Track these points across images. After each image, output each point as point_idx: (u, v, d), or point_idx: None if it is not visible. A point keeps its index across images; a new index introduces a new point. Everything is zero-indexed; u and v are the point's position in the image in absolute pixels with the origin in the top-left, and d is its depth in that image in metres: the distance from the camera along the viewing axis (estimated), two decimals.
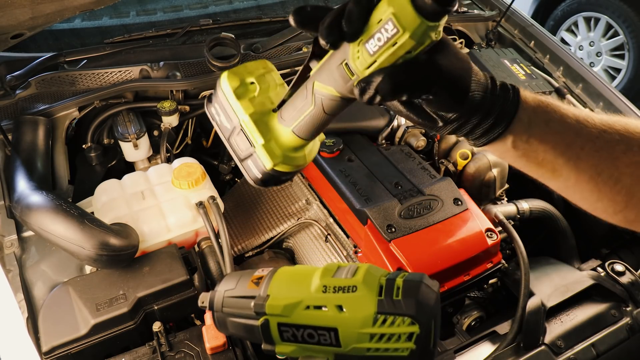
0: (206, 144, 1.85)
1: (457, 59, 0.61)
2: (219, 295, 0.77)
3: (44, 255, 1.21)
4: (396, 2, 0.55)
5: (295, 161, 0.72)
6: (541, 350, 1.13)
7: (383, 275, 0.70)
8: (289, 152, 0.71)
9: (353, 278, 0.70)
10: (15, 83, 1.55)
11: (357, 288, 0.68)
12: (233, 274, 0.81)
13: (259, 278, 0.76)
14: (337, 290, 0.69)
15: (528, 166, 0.67)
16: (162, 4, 2.02)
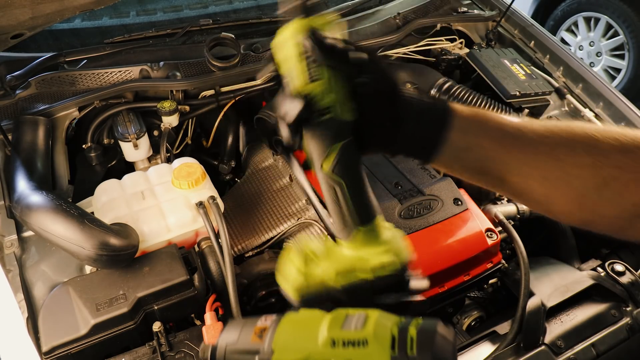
0: (206, 144, 1.85)
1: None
2: (221, 349, 0.72)
3: (44, 255, 1.21)
4: None
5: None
6: (541, 350, 1.13)
7: (395, 325, 0.64)
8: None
9: (363, 330, 0.63)
10: (15, 83, 1.55)
11: (367, 342, 0.62)
12: (234, 322, 0.76)
13: (262, 330, 0.72)
14: (346, 345, 0.63)
15: (476, 176, 0.69)
16: (162, 4, 2.02)
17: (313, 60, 0.63)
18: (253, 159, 1.78)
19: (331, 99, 0.63)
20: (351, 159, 0.66)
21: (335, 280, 0.68)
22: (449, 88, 1.73)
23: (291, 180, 1.59)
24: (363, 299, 0.67)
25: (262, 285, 1.38)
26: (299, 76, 0.63)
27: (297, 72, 0.63)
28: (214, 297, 1.17)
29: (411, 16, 1.99)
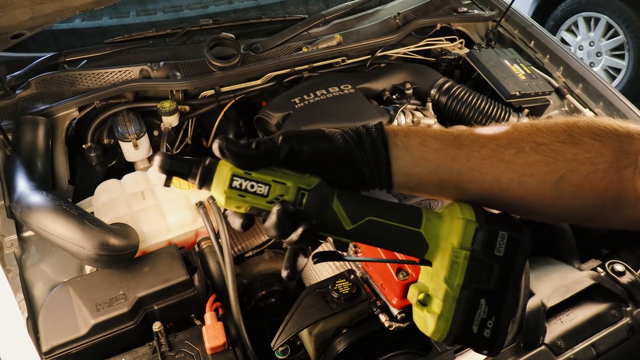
0: (206, 144, 1.85)
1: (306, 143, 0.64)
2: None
3: (44, 255, 1.21)
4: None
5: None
6: (541, 350, 1.13)
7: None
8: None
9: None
10: (15, 83, 1.55)
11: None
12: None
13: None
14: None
15: (437, 191, 0.69)
16: (162, 4, 2.02)
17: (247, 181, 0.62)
18: None
19: (291, 186, 0.63)
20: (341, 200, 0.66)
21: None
22: (449, 88, 1.73)
23: None
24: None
25: (262, 285, 1.38)
26: (258, 202, 0.63)
27: (253, 200, 0.62)
28: (214, 297, 1.17)
29: (411, 16, 1.99)
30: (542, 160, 0.63)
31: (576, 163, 0.62)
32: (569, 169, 0.62)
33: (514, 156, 0.64)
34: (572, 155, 0.62)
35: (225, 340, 1.05)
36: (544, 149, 0.63)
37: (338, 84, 1.65)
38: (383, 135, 0.65)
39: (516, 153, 0.64)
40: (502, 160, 0.64)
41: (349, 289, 1.14)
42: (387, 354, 1.16)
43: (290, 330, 1.10)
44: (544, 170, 0.63)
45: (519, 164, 0.64)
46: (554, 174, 0.63)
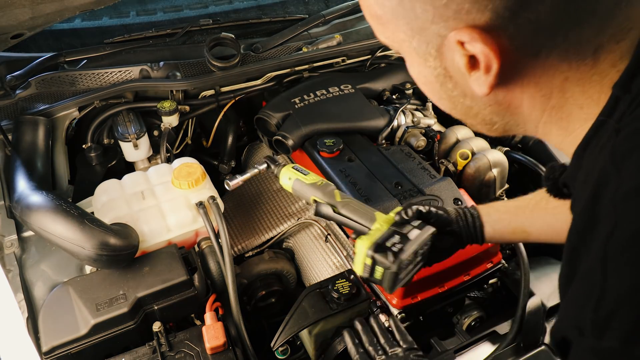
0: (206, 144, 1.85)
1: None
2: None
3: (44, 255, 1.21)
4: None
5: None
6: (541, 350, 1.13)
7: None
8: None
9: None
10: (15, 83, 1.56)
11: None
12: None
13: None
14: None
15: (509, 238, 1.03)
16: (162, 4, 2.02)
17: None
18: (253, 159, 1.78)
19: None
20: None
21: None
22: None
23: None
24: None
25: (262, 285, 1.39)
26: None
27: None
28: (214, 297, 1.17)
29: None
30: (562, 203, 0.79)
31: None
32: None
33: (545, 204, 0.95)
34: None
35: (225, 340, 1.05)
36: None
37: (338, 84, 1.65)
38: (478, 213, 1.02)
39: (546, 202, 0.95)
40: (542, 209, 0.96)
41: (349, 289, 1.14)
42: None
43: (290, 330, 1.10)
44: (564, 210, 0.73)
45: (549, 208, 0.94)
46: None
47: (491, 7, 0.48)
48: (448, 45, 0.52)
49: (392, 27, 0.56)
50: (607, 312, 0.44)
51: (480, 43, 0.49)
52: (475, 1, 0.48)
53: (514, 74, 0.53)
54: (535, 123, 0.58)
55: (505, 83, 0.54)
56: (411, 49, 0.57)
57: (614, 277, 0.44)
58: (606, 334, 0.44)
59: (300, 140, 1.48)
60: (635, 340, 0.42)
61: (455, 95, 0.59)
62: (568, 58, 0.51)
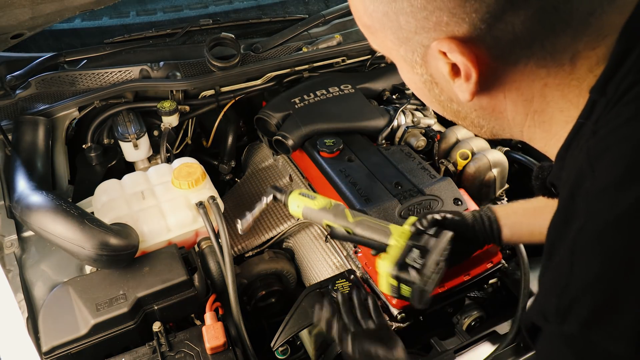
0: (206, 144, 1.85)
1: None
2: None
3: (44, 255, 1.21)
4: None
5: None
6: None
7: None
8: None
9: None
10: (15, 83, 1.56)
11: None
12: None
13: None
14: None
15: (525, 239, 1.08)
16: (162, 4, 2.02)
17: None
18: (253, 159, 1.78)
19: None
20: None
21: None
22: None
23: (291, 180, 1.59)
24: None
25: (262, 285, 1.39)
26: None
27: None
28: (214, 297, 1.17)
29: None
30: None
31: None
32: None
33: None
34: None
35: (225, 340, 1.05)
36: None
37: (338, 84, 1.65)
38: (495, 215, 1.05)
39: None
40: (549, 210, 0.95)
41: (349, 289, 1.14)
42: None
43: (290, 330, 1.10)
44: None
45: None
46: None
47: (468, 20, 0.50)
48: (431, 54, 0.55)
49: (381, 36, 0.58)
50: (570, 299, 0.47)
51: (458, 54, 0.52)
52: (453, 14, 0.50)
53: (494, 81, 0.56)
54: (520, 127, 0.61)
55: (487, 89, 0.57)
56: (399, 57, 0.60)
57: (580, 267, 0.47)
58: (567, 319, 0.47)
59: (300, 140, 1.48)
60: (593, 325, 0.45)
61: (443, 100, 0.62)
62: (546, 65, 0.53)
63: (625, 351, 0.43)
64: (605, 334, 0.44)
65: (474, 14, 0.50)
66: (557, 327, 0.49)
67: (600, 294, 0.45)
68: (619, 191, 0.45)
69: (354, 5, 0.59)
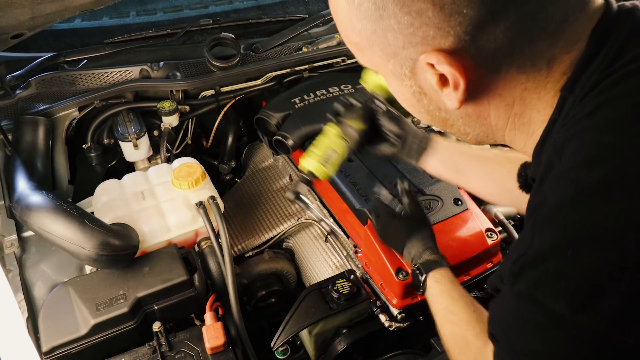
0: (206, 144, 1.85)
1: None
2: None
3: (44, 255, 1.21)
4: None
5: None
6: None
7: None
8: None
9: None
10: (16, 83, 1.55)
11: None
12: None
13: None
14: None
15: (450, 173, 1.11)
16: (162, 4, 2.02)
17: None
18: (253, 159, 1.78)
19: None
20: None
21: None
22: None
23: (291, 180, 1.59)
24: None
25: (262, 285, 1.39)
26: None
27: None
28: (214, 297, 1.17)
29: None
30: (505, 157, 1.03)
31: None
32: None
33: (489, 156, 1.07)
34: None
35: (225, 340, 1.05)
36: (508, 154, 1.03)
37: (338, 84, 1.65)
38: (429, 141, 1.11)
39: (491, 155, 1.07)
40: (484, 160, 1.08)
41: (349, 289, 1.14)
42: (387, 354, 1.16)
43: (290, 330, 1.10)
44: (507, 167, 1.00)
45: (489, 160, 1.07)
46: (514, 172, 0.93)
47: (453, 33, 0.54)
48: (420, 67, 0.59)
49: (369, 53, 0.62)
50: (522, 264, 0.53)
51: (446, 64, 0.56)
52: (439, 28, 0.54)
53: (480, 89, 0.60)
54: (502, 131, 0.65)
55: (473, 97, 0.61)
56: (388, 71, 0.63)
57: (538, 239, 0.53)
58: (518, 280, 0.53)
59: (300, 140, 1.47)
60: (540, 286, 0.51)
61: (432, 110, 0.65)
62: (526, 71, 0.58)
63: (565, 310, 0.48)
64: (550, 294, 0.50)
65: (458, 27, 0.54)
66: (509, 288, 0.55)
67: (552, 262, 0.50)
68: (578, 174, 0.51)
69: (341, 24, 0.62)
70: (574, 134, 0.53)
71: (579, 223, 0.49)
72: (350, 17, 0.59)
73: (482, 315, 0.83)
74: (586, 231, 0.49)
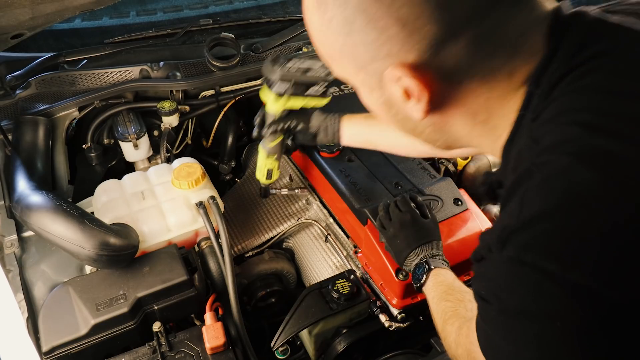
0: (206, 144, 1.85)
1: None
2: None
3: (44, 255, 1.21)
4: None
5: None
6: None
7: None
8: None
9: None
10: (16, 83, 1.56)
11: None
12: None
13: None
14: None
15: (364, 144, 1.27)
16: (162, 4, 2.02)
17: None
18: (253, 159, 1.78)
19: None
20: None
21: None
22: None
23: (291, 180, 1.59)
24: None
25: (262, 285, 1.39)
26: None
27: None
28: (214, 297, 1.18)
29: None
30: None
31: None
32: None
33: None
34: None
35: (225, 340, 1.05)
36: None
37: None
38: (339, 124, 1.28)
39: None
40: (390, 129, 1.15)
41: (349, 289, 1.15)
42: (387, 354, 1.16)
43: (290, 330, 1.10)
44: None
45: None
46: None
47: (416, 48, 0.57)
48: (386, 79, 0.61)
49: (341, 64, 0.65)
50: (510, 231, 0.55)
51: (410, 78, 0.59)
52: (402, 44, 0.57)
53: (444, 100, 0.62)
54: (469, 137, 0.68)
55: (438, 107, 0.63)
56: (359, 82, 0.66)
57: (526, 208, 0.54)
58: (506, 245, 0.55)
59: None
60: (529, 250, 0.52)
61: (401, 119, 0.68)
62: (487, 82, 0.60)
63: (556, 268, 0.50)
64: (540, 255, 0.52)
65: (421, 43, 0.57)
66: (498, 254, 0.56)
67: (540, 225, 0.52)
68: (565, 147, 0.53)
69: (314, 37, 0.65)
70: (549, 119, 0.56)
71: (569, 188, 0.51)
72: (323, 30, 0.62)
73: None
74: (576, 195, 0.51)
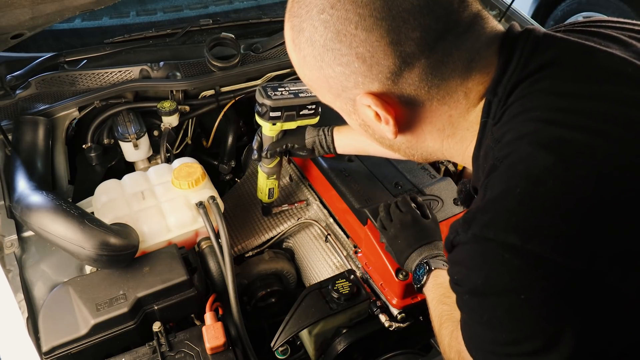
0: (206, 144, 1.85)
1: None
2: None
3: (44, 255, 1.21)
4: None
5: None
6: None
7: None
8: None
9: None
10: (16, 83, 1.55)
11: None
12: None
13: None
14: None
15: (354, 152, 1.31)
16: (162, 4, 2.02)
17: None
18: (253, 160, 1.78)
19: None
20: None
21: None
22: None
23: (291, 180, 1.59)
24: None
25: (262, 285, 1.39)
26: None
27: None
28: (214, 297, 1.18)
29: None
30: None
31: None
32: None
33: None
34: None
35: (225, 340, 1.05)
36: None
37: None
38: (332, 135, 1.30)
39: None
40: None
41: (349, 289, 1.15)
42: (387, 354, 1.16)
43: (290, 330, 1.10)
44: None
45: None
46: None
47: (377, 79, 0.64)
48: (358, 105, 0.69)
49: (320, 92, 0.73)
50: (474, 212, 0.60)
51: (375, 105, 0.66)
52: (365, 75, 0.65)
53: (411, 120, 0.70)
54: (440, 150, 0.75)
55: (407, 127, 0.71)
56: (338, 108, 0.74)
57: (489, 191, 0.60)
58: (471, 225, 0.59)
59: None
60: (492, 226, 0.57)
61: (378, 138, 0.76)
62: (446, 102, 0.67)
63: (516, 241, 0.54)
64: (501, 230, 0.55)
65: (380, 75, 0.64)
66: (464, 235, 0.60)
67: (501, 203, 0.57)
68: (523, 140, 0.59)
69: (296, 68, 0.73)
70: (508, 120, 0.62)
71: (529, 170, 0.56)
72: (300, 65, 0.71)
73: None
74: (535, 175, 0.55)
